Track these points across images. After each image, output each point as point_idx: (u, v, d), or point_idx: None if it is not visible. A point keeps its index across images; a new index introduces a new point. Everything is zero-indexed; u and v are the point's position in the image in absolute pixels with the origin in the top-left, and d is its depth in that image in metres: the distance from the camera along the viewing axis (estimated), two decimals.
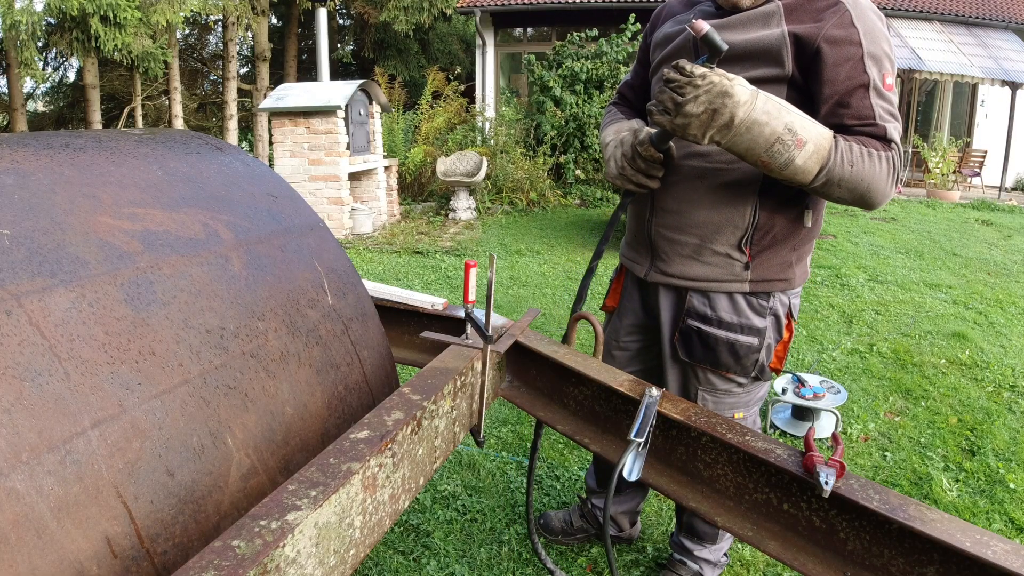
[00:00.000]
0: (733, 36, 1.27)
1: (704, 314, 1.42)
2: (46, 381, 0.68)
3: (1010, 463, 2.45)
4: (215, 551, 0.65)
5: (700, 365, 1.47)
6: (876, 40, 1.22)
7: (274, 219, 1.13)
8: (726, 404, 1.51)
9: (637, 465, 1.11)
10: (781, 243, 1.38)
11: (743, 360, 1.42)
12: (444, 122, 10.15)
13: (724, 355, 1.43)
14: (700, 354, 1.45)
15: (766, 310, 1.40)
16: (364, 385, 1.13)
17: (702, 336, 1.43)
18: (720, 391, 1.49)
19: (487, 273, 1.15)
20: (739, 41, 1.27)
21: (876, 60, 1.21)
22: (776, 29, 1.25)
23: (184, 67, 16.81)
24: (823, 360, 3.51)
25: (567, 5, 11.87)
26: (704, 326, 1.42)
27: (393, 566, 1.88)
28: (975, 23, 11.58)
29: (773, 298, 1.41)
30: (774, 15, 1.26)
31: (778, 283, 1.39)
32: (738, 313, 1.40)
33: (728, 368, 1.44)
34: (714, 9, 1.39)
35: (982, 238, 7.07)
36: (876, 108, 1.21)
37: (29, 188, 0.83)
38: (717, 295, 1.41)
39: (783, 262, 1.39)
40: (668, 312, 1.50)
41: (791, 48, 1.23)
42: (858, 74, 1.20)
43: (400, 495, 0.94)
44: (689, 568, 1.77)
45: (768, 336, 1.41)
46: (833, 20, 1.21)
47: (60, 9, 9.67)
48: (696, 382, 1.50)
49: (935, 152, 10.43)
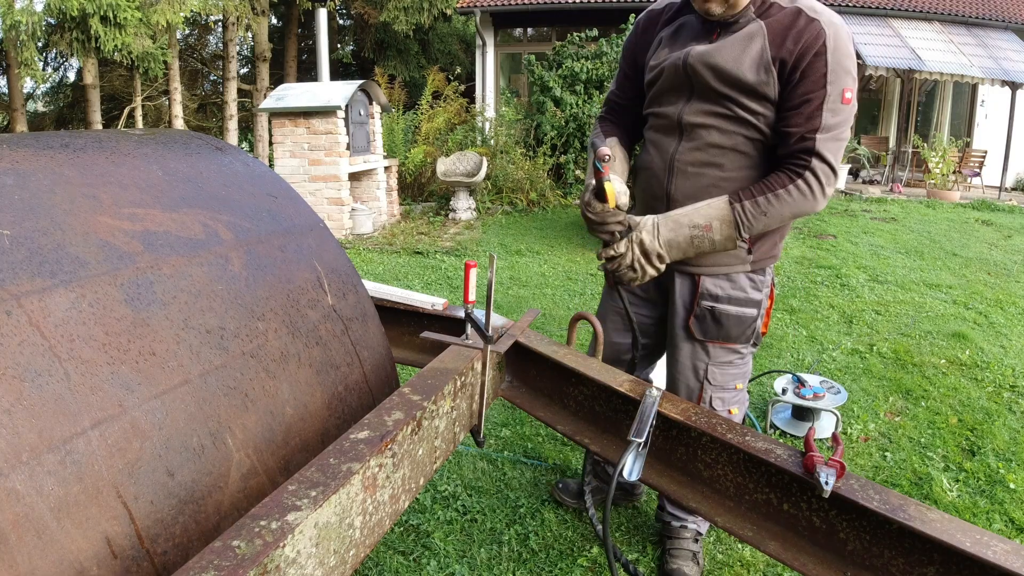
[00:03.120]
0: (724, 58, 1.41)
1: (716, 295, 1.60)
2: (46, 381, 0.68)
3: (1010, 463, 2.45)
4: (215, 551, 0.65)
5: (712, 341, 1.63)
6: (840, 59, 1.35)
7: (274, 219, 1.13)
8: (730, 375, 1.67)
9: (637, 465, 1.11)
10: (774, 233, 1.59)
11: (747, 330, 1.63)
12: (444, 122, 10.15)
13: (733, 328, 1.61)
14: (713, 331, 1.62)
15: (762, 284, 1.62)
16: (364, 385, 1.13)
17: (715, 315, 1.60)
18: (725, 363, 1.66)
19: (487, 273, 1.15)
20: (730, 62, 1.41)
21: (838, 77, 1.35)
22: (759, 49, 1.38)
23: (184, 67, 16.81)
24: (823, 360, 3.51)
25: (567, 5, 11.87)
26: (717, 305, 1.60)
27: (393, 566, 1.88)
28: (975, 23, 11.58)
29: (766, 273, 1.63)
30: (756, 35, 1.39)
31: (769, 260, 1.62)
32: (743, 290, 1.60)
33: (736, 339, 1.63)
34: (696, 17, 1.51)
35: (982, 238, 7.07)
36: (823, 122, 1.36)
37: (29, 188, 0.83)
38: (726, 278, 1.59)
39: (772, 243, 1.62)
40: (683, 297, 1.64)
41: (775, 69, 1.38)
42: (817, 88, 1.35)
43: (400, 495, 0.94)
44: (690, 529, 1.85)
45: (762, 306, 1.63)
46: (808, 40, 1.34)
47: (60, 9, 9.67)
48: (707, 357, 1.65)
49: (935, 152, 10.42)
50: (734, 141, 1.47)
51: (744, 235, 1.43)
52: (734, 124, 1.46)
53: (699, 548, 1.86)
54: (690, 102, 1.50)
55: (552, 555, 1.93)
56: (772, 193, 1.40)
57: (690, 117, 1.50)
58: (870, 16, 11.25)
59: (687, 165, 1.53)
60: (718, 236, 1.43)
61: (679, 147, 1.54)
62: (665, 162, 1.56)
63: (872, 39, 10.57)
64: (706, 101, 1.47)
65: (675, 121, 1.53)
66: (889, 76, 10.86)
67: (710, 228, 1.42)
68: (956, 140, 11.36)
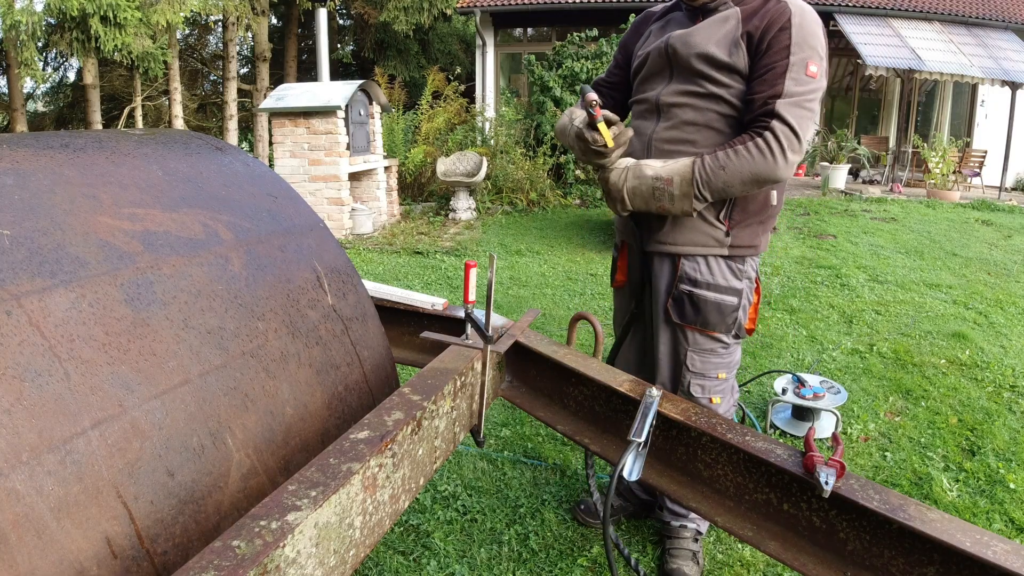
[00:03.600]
0: (700, 39, 1.52)
1: (695, 278, 1.63)
2: (46, 381, 0.68)
3: (1010, 463, 2.45)
4: (215, 551, 0.65)
5: (690, 326, 1.66)
6: (806, 36, 1.44)
7: (274, 219, 1.13)
8: (711, 364, 1.68)
9: (637, 465, 1.11)
10: (752, 216, 1.62)
11: (727, 318, 1.64)
12: (444, 122, 10.15)
13: (712, 315, 1.63)
14: (691, 316, 1.65)
15: (742, 273, 1.64)
16: (364, 385, 1.13)
17: (693, 299, 1.64)
18: (706, 351, 1.67)
19: (487, 273, 1.15)
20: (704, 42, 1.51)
21: (802, 50, 1.43)
22: (732, 31, 1.49)
23: (184, 67, 16.81)
24: (823, 360, 3.51)
25: (567, 5, 11.87)
26: (695, 289, 1.63)
27: (393, 566, 1.88)
28: (975, 23, 11.57)
29: (746, 263, 1.65)
30: (731, 18, 1.51)
31: (749, 249, 1.64)
32: (722, 276, 1.63)
33: (715, 327, 1.64)
34: (684, 12, 1.63)
35: (982, 238, 7.07)
36: (785, 88, 1.42)
37: (29, 188, 0.83)
38: (704, 260, 1.63)
39: (752, 232, 1.63)
40: (664, 279, 1.68)
41: (743, 44, 1.47)
42: (781, 59, 1.43)
43: (400, 495, 0.94)
44: (690, 528, 1.85)
45: (744, 297, 1.65)
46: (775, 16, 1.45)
47: (60, 9, 9.67)
48: (685, 343, 1.68)
49: (935, 152, 10.41)
50: (707, 118, 1.56)
51: (703, 193, 1.47)
52: (706, 101, 1.55)
53: (699, 548, 1.86)
54: (669, 84, 1.61)
55: (552, 555, 1.93)
56: (732, 149, 1.45)
57: (667, 98, 1.60)
58: (870, 16, 11.25)
59: (663, 143, 1.61)
60: (677, 191, 1.48)
61: (656, 127, 1.63)
62: (644, 143, 1.65)
63: (872, 39, 10.57)
64: (683, 82, 1.57)
65: (654, 104, 1.64)
66: (889, 76, 10.86)
67: (671, 182, 1.48)
68: (956, 140, 11.35)
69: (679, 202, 1.49)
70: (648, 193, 1.51)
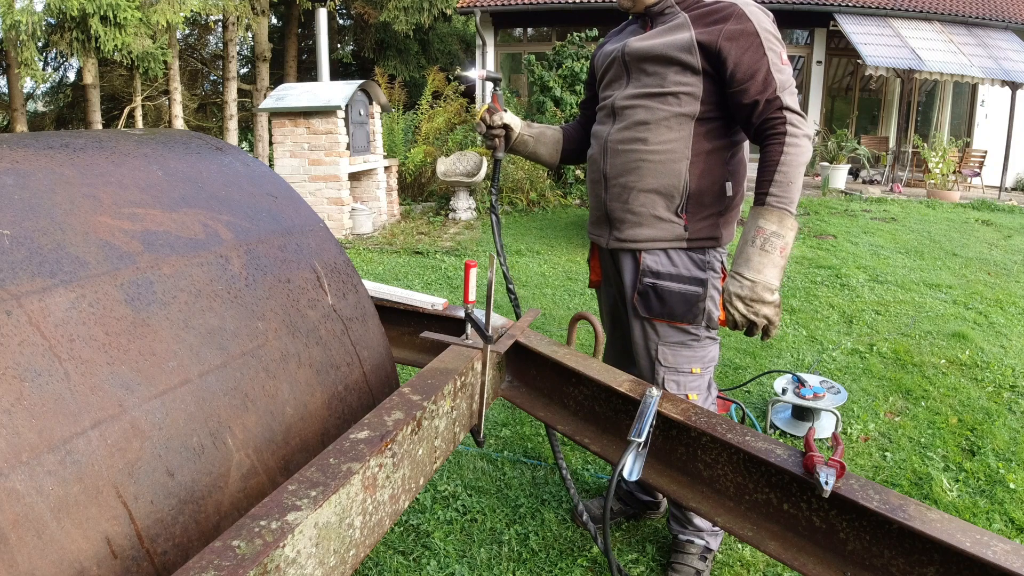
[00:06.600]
0: (653, 42, 1.59)
1: (657, 271, 1.66)
2: (46, 381, 0.68)
3: (1010, 463, 2.45)
4: (215, 551, 0.65)
5: (657, 319, 1.68)
6: (766, 29, 1.52)
7: (274, 219, 1.13)
8: (683, 357, 1.70)
9: (637, 465, 1.11)
10: (708, 208, 1.65)
11: (694, 308, 1.66)
12: (444, 122, 10.14)
13: (678, 306, 1.66)
14: (657, 308, 1.67)
15: (705, 264, 1.67)
16: (364, 385, 1.13)
17: (657, 291, 1.67)
18: (675, 343, 1.69)
19: (487, 273, 1.15)
20: (658, 45, 1.58)
21: (770, 44, 1.51)
22: (685, 35, 1.55)
23: (184, 67, 16.81)
24: (823, 360, 3.51)
25: (567, 5, 11.87)
26: (658, 281, 1.67)
27: (393, 566, 1.88)
28: (975, 23, 11.57)
29: (707, 254, 1.67)
30: (683, 25, 1.57)
31: (709, 241, 1.67)
32: (684, 267, 1.66)
33: (683, 318, 1.66)
34: (637, 23, 1.71)
35: (982, 238, 7.07)
36: (778, 81, 1.50)
37: (29, 188, 0.83)
38: (665, 253, 1.66)
39: (711, 224, 1.66)
40: (629, 274, 1.72)
41: (698, 51, 1.54)
42: (760, 57, 1.50)
43: (400, 495, 0.94)
44: (697, 545, 1.83)
45: (709, 287, 1.66)
46: (729, 22, 1.51)
47: (60, 9, 9.67)
48: (656, 336, 1.70)
49: (935, 152, 10.41)
50: (658, 116, 1.60)
51: (792, 211, 1.49)
52: (658, 100, 1.59)
53: (706, 568, 1.82)
54: (625, 88, 1.66)
55: (552, 555, 1.93)
56: (779, 166, 1.49)
57: (621, 101, 1.66)
58: (870, 16, 11.25)
59: (617, 144, 1.66)
60: (779, 229, 1.47)
61: (611, 130, 1.68)
62: (601, 146, 1.71)
63: (872, 39, 10.57)
64: (638, 85, 1.63)
65: (610, 108, 1.69)
66: (889, 76, 10.86)
67: (764, 232, 1.47)
68: (956, 140, 11.35)
69: (790, 231, 1.48)
70: (763, 257, 1.46)
